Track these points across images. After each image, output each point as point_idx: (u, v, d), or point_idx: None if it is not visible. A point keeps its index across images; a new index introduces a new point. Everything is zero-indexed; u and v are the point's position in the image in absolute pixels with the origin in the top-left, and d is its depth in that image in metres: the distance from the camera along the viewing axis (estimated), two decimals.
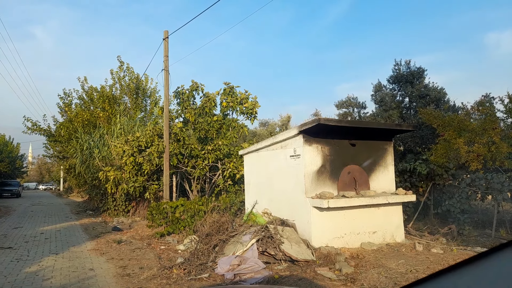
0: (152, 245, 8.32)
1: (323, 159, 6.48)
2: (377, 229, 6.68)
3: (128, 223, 12.63)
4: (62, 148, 23.36)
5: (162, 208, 9.99)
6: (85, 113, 20.63)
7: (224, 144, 12.84)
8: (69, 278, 5.43)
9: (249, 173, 8.21)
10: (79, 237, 9.48)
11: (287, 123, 26.38)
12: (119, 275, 5.55)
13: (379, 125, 8.39)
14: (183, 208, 9.80)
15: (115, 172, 12.95)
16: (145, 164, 12.56)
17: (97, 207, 17.01)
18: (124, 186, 12.73)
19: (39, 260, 6.60)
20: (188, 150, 12.77)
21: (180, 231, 9.21)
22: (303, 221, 6.26)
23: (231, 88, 13.67)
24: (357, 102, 16.93)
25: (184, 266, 5.65)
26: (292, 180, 6.60)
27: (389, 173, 7.30)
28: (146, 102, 23.48)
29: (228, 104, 13.39)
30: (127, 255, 7.04)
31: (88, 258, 6.77)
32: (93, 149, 17.00)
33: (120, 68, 22.21)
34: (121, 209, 14.86)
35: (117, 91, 22.23)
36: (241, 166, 12.40)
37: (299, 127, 6.42)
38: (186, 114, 13.15)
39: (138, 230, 10.44)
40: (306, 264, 5.40)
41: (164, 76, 12.68)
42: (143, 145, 13.16)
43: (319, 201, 5.94)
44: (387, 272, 4.99)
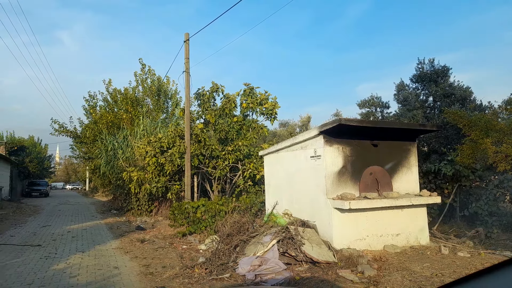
0: (174, 244, 8.45)
1: (344, 160, 6.41)
2: (401, 232, 6.55)
3: (151, 223, 12.87)
4: (88, 149, 24.03)
5: (184, 208, 10.13)
6: (109, 115, 21.15)
7: (244, 144, 12.90)
8: (95, 275, 5.59)
9: (269, 174, 8.22)
10: (104, 235, 9.74)
11: (307, 123, 26.25)
12: (143, 273, 5.67)
13: (402, 125, 8.23)
14: (204, 208, 9.91)
15: (138, 173, 13.22)
16: (167, 165, 12.77)
17: (121, 206, 17.42)
18: (147, 186, 12.98)
19: (66, 257, 6.82)
20: (209, 151, 12.90)
21: (201, 231, 9.32)
22: (324, 223, 6.21)
23: (251, 89, 13.72)
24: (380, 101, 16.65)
25: (206, 266, 5.71)
26: (312, 181, 6.56)
27: (412, 174, 7.14)
28: (168, 103, 23.84)
29: (248, 105, 13.45)
30: (150, 254, 7.17)
31: (112, 257, 6.94)
32: (117, 150, 17.42)
33: (142, 71, 22.66)
34: (144, 208, 15.16)
35: (139, 93, 22.65)
36: (261, 166, 12.42)
37: (319, 127, 6.38)
38: (207, 115, 13.28)
39: (160, 229, 10.63)
40: (327, 266, 5.35)
41: (185, 78, 12.86)
42: (165, 146, 13.37)
43: (340, 202, 5.88)
44: (411, 276, 4.89)
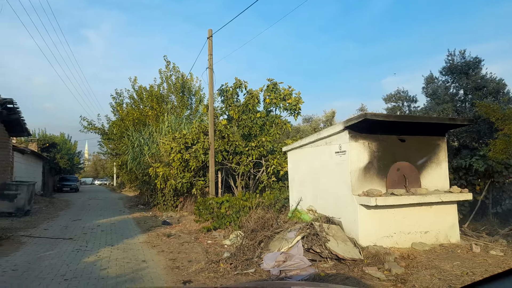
0: (200, 239, 8.57)
1: (370, 156, 6.28)
2: (430, 229, 6.37)
3: (176, 218, 13.11)
4: (115, 146, 24.70)
5: (208, 204, 10.25)
6: (135, 112, 21.64)
7: (267, 140, 12.89)
8: (124, 268, 5.75)
9: (293, 169, 8.17)
10: (132, 230, 10.00)
11: (331, 118, 25.90)
12: (169, 267, 5.79)
13: (431, 119, 7.97)
14: (228, 204, 9.99)
15: (164, 168, 13.47)
16: (191, 161, 12.94)
17: (148, 201, 17.84)
18: (172, 182, 13.20)
19: (96, 251, 7.05)
20: (233, 147, 12.96)
21: (225, 226, 9.40)
22: (349, 219, 6.12)
23: (274, 84, 13.67)
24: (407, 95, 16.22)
25: (231, 261, 5.76)
26: (337, 177, 6.47)
27: (442, 170, 6.92)
28: (192, 100, 24.14)
29: (271, 101, 13.42)
30: (176, 248, 7.31)
31: (140, 250, 7.12)
32: (143, 146, 17.81)
33: (167, 68, 23.00)
34: (170, 204, 15.45)
35: (164, 90, 23.03)
36: (284, 162, 12.38)
37: (344, 122, 6.27)
38: (230, 111, 13.34)
39: (186, 224, 10.80)
40: (353, 263, 5.28)
41: (208, 74, 12.96)
42: (189, 142, 13.56)
43: (366, 198, 5.78)
44: (441, 274, 4.75)
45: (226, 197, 10.33)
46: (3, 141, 15.22)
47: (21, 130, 16.57)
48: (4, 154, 15.53)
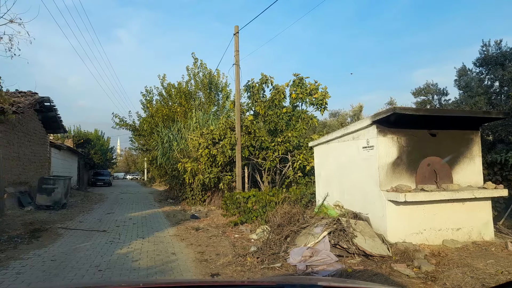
0: (227, 233, 8.70)
1: (399, 151, 6.15)
2: (462, 226, 6.18)
3: (204, 212, 13.36)
4: (145, 142, 25.40)
5: (235, 199, 10.38)
6: (164, 108, 22.13)
7: (293, 136, 12.86)
8: (154, 260, 5.95)
9: (319, 165, 8.13)
10: (161, 223, 10.30)
11: (359, 113, 25.43)
12: (198, 260, 5.94)
13: (463, 112, 7.68)
14: (255, 198, 10.07)
15: (192, 164, 13.74)
16: (218, 156, 13.12)
17: (177, 196, 18.26)
18: (200, 176, 13.44)
19: (128, 243, 7.33)
20: (259, 142, 13.02)
21: (252, 221, 9.50)
22: (377, 215, 6.04)
23: (300, 79, 13.58)
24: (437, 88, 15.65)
25: (257, 255, 5.83)
26: (365, 172, 6.39)
27: (475, 165, 6.68)
28: (219, 96, 24.38)
29: (297, 96, 13.35)
30: (204, 241, 7.47)
31: (170, 243, 7.33)
32: (172, 142, 18.22)
33: (194, 65, 23.32)
34: (198, 198, 15.76)
35: (192, 87, 23.37)
36: (311, 157, 12.31)
37: (372, 117, 6.17)
38: (256, 107, 13.39)
39: (213, 218, 10.99)
40: (381, 259, 5.22)
41: (235, 70, 13.05)
42: (216, 137, 13.73)
43: (395, 194, 5.67)
44: (474, 272, 4.61)
45: (252, 192, 10.43)
46: (41, 137, 16.04)
47: (58, 127, 17.40)
48: (42, 150, 16.36)
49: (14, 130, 12.72)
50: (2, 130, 11.65)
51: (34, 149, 15.00)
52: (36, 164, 15.33)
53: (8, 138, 12.19)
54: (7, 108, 8.63)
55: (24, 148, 13.74)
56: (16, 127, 12.82)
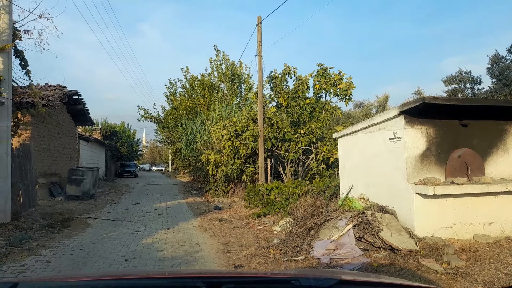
0: (250, 225, 8.73)
1: (428, 142, 5.92)
2: (494, 220, 5.91)
3: (227, 203, 13.46)
4: (170, 134, 25.79)
5: (258, 190, 10.38)
6: (188, 100, 22.34)
7: (317, 127, 12.68)
8: (179, 251, 6.03)
9: (343, 156, 7.97)
10: (186, 214, 10.44)
11: (384, 103, 24.80)
12: (221, 251, 5.97)
13: (497, 102, 7.31)
14: (277, 190, 10.03)
15: (215, 155, 13.82)
16: (241, 148, 13.13)
17: (200, 187, 18.49)
18: (223, 168, 13.51)
19: (153, 233, 7.47)
20: (281, 134, 12.93)
21: (275, 213, 9.47)
22: (404, 208, 5.86)
23: (324, 69, 13.32)
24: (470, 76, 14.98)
25: (281, 247, 5.80)
26: (391, 164, 6.20)
27: (509, 156, 6.35)
28: (241, 88, 24.35)
29: (321, 86, 13.12)
30: (227, 233, 7.51)
31: (194, 234, 7.42)
32: (196, 134, 18.40)
33: (217, 57, 23.35)
34: (221, 189, 15.89)
35: (215, 79, 23.43)
36: (335, 149, 12.12)
37: (399, 107, 5.96)
38: (279, 98, 13.27)
39: (236, 210, 11.05)
40: (408, 254, 5.07)
41: (257, 61, 12.95)
42: (239, 129, 13.74)
43: (423, 187, 5.48)
44: (507, 269, 4.40)
45: (275, 183, 10.39)
46: (70, 130, 16.56)
47: (86, 120, 17.91)
48: (71, 142, 16.90)
49: (45, 123, 13.17)
50: (33, 123, 12.08)
51: (64, 141, 15.51)
52: (66, 155, 15.86)
53: (39, 131, 12.64)
54: (37, 102, 8.92)
55: (54, 140, 14.22)
56: (46, 120, 13.26)
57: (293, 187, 9.76)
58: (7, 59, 7.94)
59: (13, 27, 8.33)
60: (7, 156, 7.94)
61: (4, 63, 7.86)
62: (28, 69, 8.46)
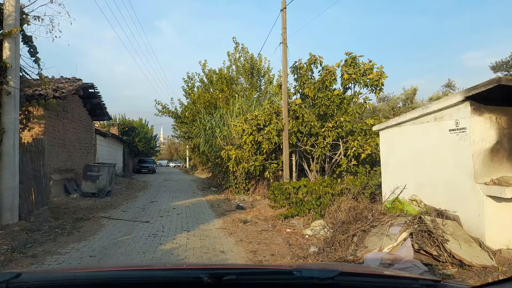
0: (277, 227, 7.88)
1: (499, 134, 4.92)
2: None
3: (249, 201, 12.64)
4: (187, 129, 25.16)
5: (285, 189, 9.50)
6: (206, 94, 21.62)
7: (346, 120, 11.71)
8: (202, 259, 5.24)
9: (387, 151, 7.00)
10: (206, 214, 9.67)
11: (412, 96, 23.43)
12: (251, 261, 5.14)
13: None
14: (306, 189, 9.14)
15: (236, 151, 13.01)
16: (264, 143, 12.27)
17: (220, 184, 17.73)
18: (245, 165, 12.69)
19: (172, 237, 6.70)
20: (307, 128, 12.02)
21: (304, 214, 8.58)
22: (470, 214, 4.88)
23: (353, 58, 12.31)
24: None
25: (321, 258, 4.93)
26: (452, 160, 5.22)
27: None
28: (260, 82, 23.54)
29: (350, 77, 12.11)
30: (255, 237, 6.68)
31: (217, 238, 6.62)
32: (215, 129, 17.64)
33: (235, 49, 22.56)
34: (241, 187, 15.09)
35: (233, 72, 22.71)
36: (366, 144, 11.13)
37: (465, 91, 4.96)
38: (305, 89, 12.32)
39: (260, 209, 10.21)
40: (483, 270, 4.11)
41: (282, 49, 12.03)
42: (261, 123, 12.90)
43: (497, 188, 4.50)
44: None
45: (303, 181, 9.49)
46: (86, 124, 16.04)
47: (102, 114, 17.37)
48: (88, 137, 16.39)
49: (59, 117, 12.62)
50: (47, 116, 11.52)
51: (80, 136, 14.99)
52: (82, 151, 15.35)
53: (53, 125, 12.09)
54: (48, 93, 8.28)
55: (69, 135, 13.69)
56: (60, 114, 12.71)
57: (323, 185, 8.85)
58: (14, 45, 7.28)
59: (21, 11, 7.68)
60: (14, 151, 7.29)
61: (11, 49, 7.21)
62: (37, 57, 7.80)
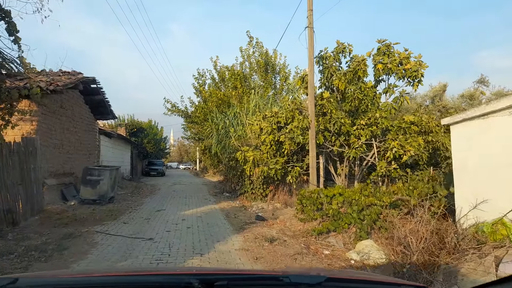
0: (312, 247, 6.33)
1: None
2: None
3: (269, 210, 11.08)
4: (198, 130, 23.79)
5: (316, 197, 7.91)
6: (218, 92, 20.21)
7: (382, 117, 10.10)
8: None
9: (463, 152, 5.36)
10: (222, 227, 8.13)
11: (441, 93, 21.60)
12: None
13: None
14: (342, 198, 7.55)
15: (254, 152, 11.46)
16: (286, 143, 10.72)
17: (234, 189, 16.20)
18: (264, 168, 11.12)
19: (181, 262, 5.18)
20: (337, 126, 10.42)
21: (343, 230, 6.99)
22: None
23: (387, 46, 10.71)
24: None
25: None
26: None
27: None
28: (276, 79, 22.10)
29: (385, 67, 10.49)
30: (288, 264, 5.12)
31: (240, 265, 5.07)
32: (229, 128, 16.14)
33: (249, 44, 21.12)
34: (258, 192, 13.56)
35: (246, 69, 21.35)
36: (407, 144, 9.51)
37: None
38: (334, 80, 10.72)
39: (285, 221, 8.65)
40: None
41: (307, 34, 10.46)
42: (282, 121, 11.37)
43: None
44: None
45: (338, 189, 7.89)
46: (88, 123, 14.68)
47: (106, 113, 16.00)
48: (90, 137, 15.04)
49: (56, 114, 11.26)
50: (40, 113, 10.15)
51: (81, 136, 13.64)
52: (83, 152, 14.00)
53: (48, 123, 10.73)
54: (32, 82, 6.88)
55: (68, 135, 12.33)
56: (58, 111, 11.36)
57: (364, 194, 7.26)
58: None
59: None
60: None
61: None
62: (17, 36, 6.33)
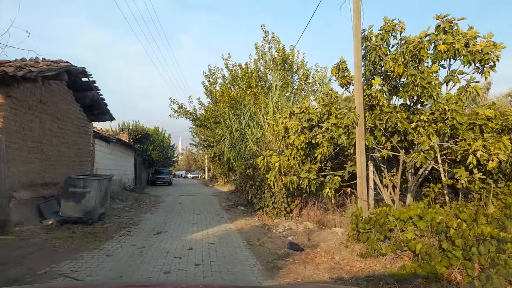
0: None
1: None
2: None
3: (301, 232, 8.55)
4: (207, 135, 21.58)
5: (383, 222, 5.41)
6: (231, 91, 17.95)
7: (453, 109, 7.65)
8: None
9: None
10: (244, 263, 5.64)
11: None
12: None
13: None
14: (423, 223, 5.07)
15: (280, 158, 9.00)
16: (324, 145, 8.28)
17: (250, 202, 13.71)
18: (293, 178, 8.62)
19: None
20: (391, 122, 7.95)
21: (437, 278, 4.47)
22: None
23: (450, 22, 8.32)
24: None
25: None
26: None
27: None
28: (293, 78, 19.92)
29: (450, 47, 8.03)
30: None
31: None
32: (245, 129, 13.72)
33: (264, 40, 18.99)
34: (282, 207, 11.05)
35: (261, 67, 19.22)
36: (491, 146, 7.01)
37: None
38: (388, 63, 8.23)
39: (332, 253, 6.11)
40: None
41: (352, 4, 8.08)
42: (315, 118, 8.98)
43: None
44: None
45: (416, 209, 5.39)
46: (79, 125, 12.38)
47: (102, 113, 13.68)
48: (82, 141, 12.72)
49: (33, 110, 8.97)
50: (7, 107, 7.87)
51: (68, 139, 11.33)
52: (72, 159, 11.69)
53: (21, 121, 8.43)
54: None
55: (51, 137, 10.04)
56: (35, 107, 9.08)
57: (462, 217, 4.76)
58: None
59: None
60: None
61: None
62: None
